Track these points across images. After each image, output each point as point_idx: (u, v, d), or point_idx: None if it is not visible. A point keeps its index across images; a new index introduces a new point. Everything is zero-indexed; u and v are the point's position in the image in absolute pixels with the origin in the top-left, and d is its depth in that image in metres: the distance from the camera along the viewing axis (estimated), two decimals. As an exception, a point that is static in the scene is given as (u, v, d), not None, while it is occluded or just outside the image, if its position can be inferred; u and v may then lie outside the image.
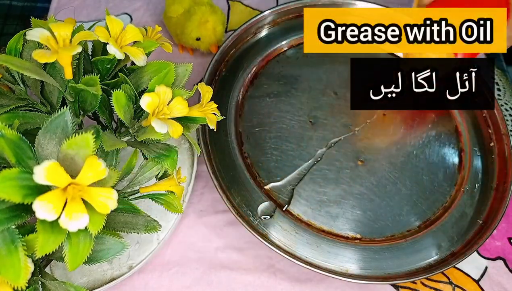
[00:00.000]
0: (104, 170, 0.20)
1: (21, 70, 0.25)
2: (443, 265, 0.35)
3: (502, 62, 0.53)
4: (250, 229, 0.35)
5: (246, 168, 0.40)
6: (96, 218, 0.21)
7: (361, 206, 0.39)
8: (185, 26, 0.46)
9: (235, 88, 0.44)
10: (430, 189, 0.40)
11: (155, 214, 0.37)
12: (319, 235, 0.37)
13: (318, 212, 0.38)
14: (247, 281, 0.38)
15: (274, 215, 0.37)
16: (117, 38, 0.28)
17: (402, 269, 0.36)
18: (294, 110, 0.43)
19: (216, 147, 0.40)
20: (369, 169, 0.41)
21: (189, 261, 0.39)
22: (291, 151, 0.41)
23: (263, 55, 0.46)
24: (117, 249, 0.27)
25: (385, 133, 0.43)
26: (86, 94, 0.28)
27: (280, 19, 0.48)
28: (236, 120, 0.42)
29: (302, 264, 0.35)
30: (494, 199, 0.40)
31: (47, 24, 0.26)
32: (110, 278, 0.35)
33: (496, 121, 0.43)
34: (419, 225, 0.39)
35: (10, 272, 0.20)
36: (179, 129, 0.27)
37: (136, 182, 0.31)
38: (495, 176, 0.41)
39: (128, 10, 0.54)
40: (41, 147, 0.22)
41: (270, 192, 0.39)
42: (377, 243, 0.37)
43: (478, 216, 0.39)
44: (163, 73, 0.29)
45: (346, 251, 0.36)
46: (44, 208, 0.19)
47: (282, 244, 0.36)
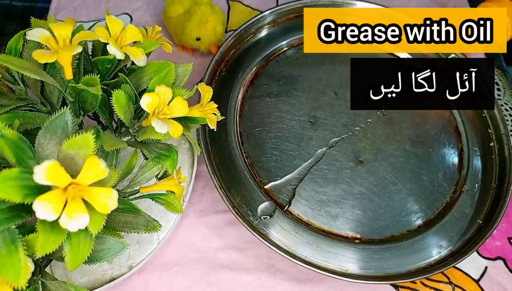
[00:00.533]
0: (105, 169, 0.20)
1: (21, 70, 0.25)
2: (443, 265, 0.35)
3: (502, 62, 0.53)
4: (250, 229, 0.35)
5: (246, 167, 0.40)
6: (96, 217, 0.21)
7: (361, 206, 0.39)
8: (185, 26, 0.46)
9: (235, 88, 0.44)
10: (430, 189, 0.40)
11: (155, 213, 0.37)
12: (319, 235, 0.37)
13: (318, 212, 0.38)
14: (247, 281, 0.38)
15: (274, 215, 0.37)
16: (117, 38, 0.28)
17: (402, 269, 0.36)
18: (294, 110, 0.43)
19: (216, 147, 0.40)
20: (369, 168, 0.41)
21: (189, 261, 0.39)
22: (291, 151, 0.41)
23: (263, 55, 0.46)
24: (117, 249, 0.27)
25: (385, 133, 0.43)
26: (86, 94, 0.28)
27: (280, 19, 0.48)
28: (236, 120, 0.42)
29: (302, 264, 0.35)
30: (494, 199, 0.40)
31: (47, 24, 0.26)
32: (110, 278, 0.35)
33: (496, 121, 0.43)
34: (419, 225, 0.39)
35: (10, 272, 0.20)
36: (179, 129, 0.27)
37: (136, 182, 0.31)
38: (495, 176, 0.41)
39: (128, 10, 0.54)
40: (41, 146, 0.22)
41: (270, 192, 0.39)
42: (376, 243, 0.37)
43: (478, 216, 0.39)
44: (163, 73, 0.29)
45: (346, 251, 0.36)
46: (44, 208, 0.19)
47: (282, 244, 0.36)
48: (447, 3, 0.56)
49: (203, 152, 0.38)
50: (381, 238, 0.38)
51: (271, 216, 0.37)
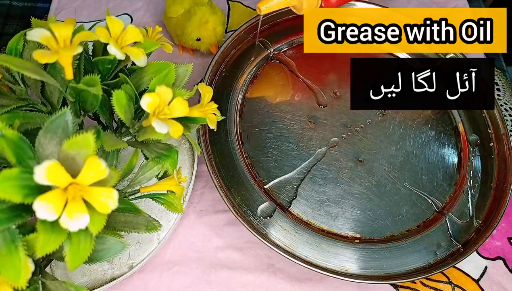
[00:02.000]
0: (105, 169, 0.20)
1: (21, 70, 0.25)
2: (442, 265, 0.35)
3: (502, 62, 0.53)
4: (250, 229, 0.35)
5: (246, 168, 0.40)
6: (96, 217, 0.21)
7: (360, 205, 0.39)
8: (185, 27, 0.46)
9: (235, 88, 0.44)
10: (429, 189, 0.40)
11: (155, 213, 0.37)
12: (318, 234, 0.37)
13: (317, 212, 0.38)
14: (247, 281, 0.38)
15: (273, 214, 0.37)
16: (118, 39, 0.28)
17: (401, 268, 0.36)
18: (294, 110, 0.43)
19: (217, 147, 0.40)
20: (369, 168, 0.41)
21: (189, 261, 0.39)
22: (291, 151, 0.41)
23: (263, 55, 0.46)
24: (117, 249, 0.27)
25: (385, 133, 0.43)
26: (87, 95, 0.28)
27: (280, 19, 0.48)
28: (236, 120, 0.42)
29: (302, 263, 0.35)
30: (493, 199, 0.40)
31: (47, 25, 0.26)
32: (110, 278, 0.35)
33: (495, 121, 0.43)
34: (419, 225, 0.39)
35: (11, 272, 0.20)
36: (179, 130, 0.27)
37: (136, 182, 0.31)
38: (494, 176, 0.41)
39: (129, 11, 0.55)
40: (42, 146, 0.22)
41: (270, 192, 0.39)
42: (376, 243, 0.37)
43: (478, 216, 0.39)
44: (164, 74, 0.29)
45: (345, 251, 0.37)
46: (44, 207, 0.19)
47: (282, 243, 0.36)
48: (447, 3, 0.56)
49: (204, 151, 0.38)
50: (380, 237, 0.38)
51: (271, 216, 0.37)
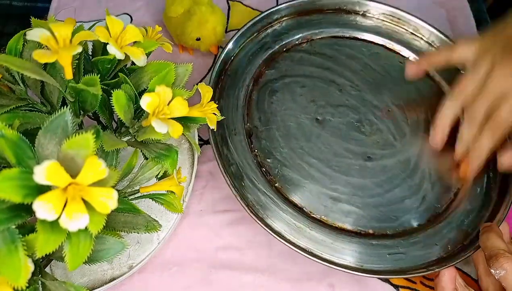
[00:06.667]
0: (104, 169, 0.20)
1: (21, 70, 0.25)
2: (443, 264, 0.35)
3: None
4: (265, 227, 0.35)
5: (256, 166, 0.40)
6: (96, 217, 0.21)
7: (373, 201, 0.39)
8: (185, 26, 0.46)
9: (241, 87, 0.44)
10: (433, 188, 0.40)
11: (155, 213, 0.37)
12: (332, 232, 0.37)
13: (330, 209, 0.38)
14: (247, 281, 0.38)
15: (285, 212, 0.37)
16: (117, 38, 0.28)
17: (402, 267, 0.36)
18: (300, 108, 0.43)
19: (227, 146, 0.40)
20: (377, 166, 0.41)
21: (189, 261, 0.39)
22: (299, 149, 0.41)
23: (268, 54, 0.46)
24: (117, 249, 0.27)
25: (393, 129, 0.43)
26: (86, 94, 0.28)
27: (283, 18, 0.48)
28: (244, 119, 0.42)
29: (321, 261, 0.34)
30: (494, 199, 0.40)
31: (47, 24, 0.26)
32: (110, 278, 0.35)
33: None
34: (420, 224, 0.38)
35: (10, 272, 0.20)
36: (179, 129, 0.27)
37: (136, 182, 0.31)
38: (495, 176, 0.41)
39: (128, 10, 0.54)
40: (41, 146, 0.22)
41: (281, 190, 0.39)
42: (376, 240, 0.37)
43: (478, 216, 0.39)
44: (163, 73, 0.29)
45: (360, 247, 0.36)
46: (44, 207, 0.19)
47: (296, 241, 0.36)
48: (447, 3, 0.56)
49: (214, 150, 0.38)
50: (392, 233, 0.38)
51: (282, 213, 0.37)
